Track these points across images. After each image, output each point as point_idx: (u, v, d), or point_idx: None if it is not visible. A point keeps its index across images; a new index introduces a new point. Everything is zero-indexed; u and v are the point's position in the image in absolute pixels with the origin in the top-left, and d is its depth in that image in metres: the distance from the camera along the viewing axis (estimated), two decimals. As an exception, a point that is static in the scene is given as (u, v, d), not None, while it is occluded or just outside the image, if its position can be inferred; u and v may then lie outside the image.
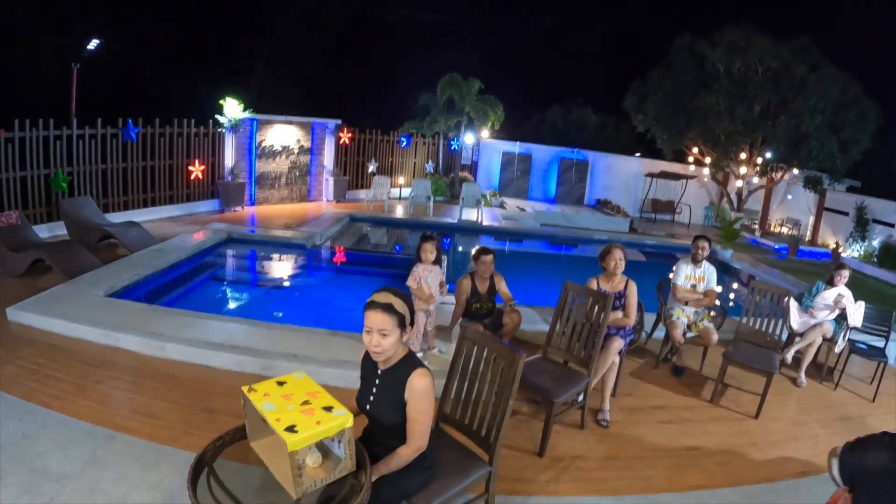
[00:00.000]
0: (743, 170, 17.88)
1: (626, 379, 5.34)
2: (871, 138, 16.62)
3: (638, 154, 21.28)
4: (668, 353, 6.22)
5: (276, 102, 14.71)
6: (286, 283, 9.21)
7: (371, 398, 2.75)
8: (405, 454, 2.63)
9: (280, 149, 14.22)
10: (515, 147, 20.07)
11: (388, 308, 2.57)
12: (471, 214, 14.74)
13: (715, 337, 5.85)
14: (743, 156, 17.68)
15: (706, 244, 6.13)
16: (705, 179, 19.60)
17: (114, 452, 3.87)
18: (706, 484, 4.03)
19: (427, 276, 5.41)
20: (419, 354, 5.24)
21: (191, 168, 12.40)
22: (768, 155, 17.47)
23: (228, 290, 8.72)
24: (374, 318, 2.56)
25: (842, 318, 6.23)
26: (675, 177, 19.35)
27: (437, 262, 5.52)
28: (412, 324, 2.69)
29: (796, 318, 6.32)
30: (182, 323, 5.88)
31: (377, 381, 2.73)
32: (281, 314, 7.40)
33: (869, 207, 15.19)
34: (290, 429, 2.19)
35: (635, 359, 6.20)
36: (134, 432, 4.14)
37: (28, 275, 7.35)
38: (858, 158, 16.64)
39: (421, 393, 2.60)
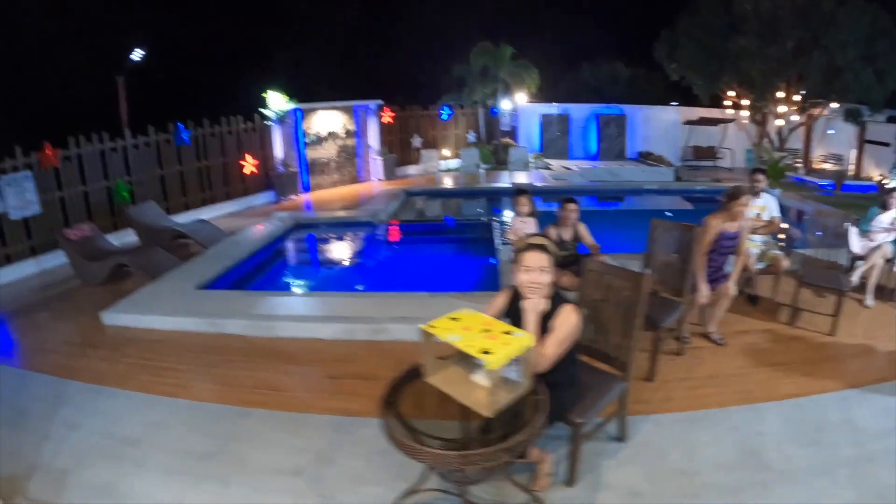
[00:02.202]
0: (782, 108, 17.62)
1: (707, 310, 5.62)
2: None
3: (674, 103, 20.95)
4: (743, 283, 6.36)
5: (310, 88, 14.77)
6: (363, 258, 9.62)
7: None
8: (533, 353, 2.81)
9: (326, 135, 14.50)
10: (553, 108, 20.11)
11: (545, 248, 2.98)
12: (520, 177, 14.97)
13: (785, 263, 6.12)
14: (780, 95, 17.38)
15: (762, 177, 6.45)
16: (744, 122, 19.30)
17: (252, 426, 4.09)
18: (798, 392, 4.40)
19: (524, 228, 5.52)
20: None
21: (242, 163, 12.57)
22: (805, 92, 17.20)
23: (311, 271, 9.09)
24: (535, 258, 2.95)
25: None
26: (714, 122, 19.11)
27: (532, 214, 5.58)
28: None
29: (857, 243, 6.46)
30: (282, 303, 6.18)
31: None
32: (363, 286, 7.56)
33: (910, 135, 14.94)
34: (485, 352, 2.48)
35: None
36: (266, 406, 4.38)
37: (108, 282, 7.61)
38: (895, 87, 16.17)
39: (566, 322, 2.96)
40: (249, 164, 12.75)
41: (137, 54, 13.16)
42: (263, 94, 12.95)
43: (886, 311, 6.06)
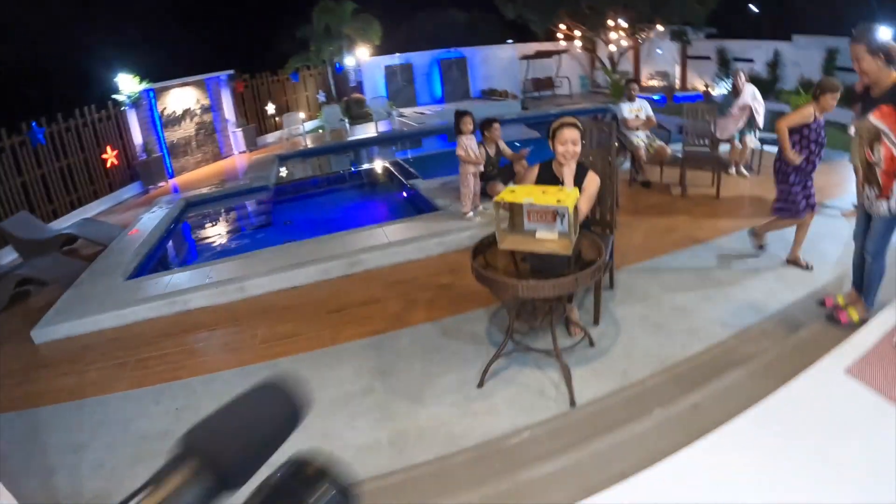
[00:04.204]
0: (613, 35, 19.08)
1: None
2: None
3: (510, 40, 21.87)
4: (635, 173, 7.95)
5: (158, 67, 13.75)
6: (277, 217, 9.68)
7: None
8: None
9: (182, 113, 13.82)
10: (395, 59, 20.39)
11: (576, 125, 3.67)
12: (381, 126, 15.88)
13: (669, 150, 7.65)
14: (610, 23, 18.80)
15: (635, 85, 7.97)
16: (577, 51, 20.85)
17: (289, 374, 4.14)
18: (714, 235, 5.92)
19: (470, 144, 6.28)
20: (469, 213, 6.48)
21: (104, 156, 11.75)
22: (633, 20, 18.67)
23: (235, 238, 8.90)
24: (569, 134, 3.64)
25: (751, 123, 7.76)
26: (548, 54, 20.58)
27: (473, 132, 6.30)
28: None
29: (721, 128, 7.85)
30: (240, 265, 6.18)
31: (562, 182, 3.76)
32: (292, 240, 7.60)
33: (728, 49, 17.20)
34: (559, 201, 3.13)
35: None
36: (288, 353, 4.40)
37: (8, 306, 6.50)
38: (714, 7, 17.92)
39: (592, 183, 3.75)
40: (110, 156, 11.91)
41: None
42: (115, 79, 12.10)
43: (742, 179, 7.89)
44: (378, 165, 12.74)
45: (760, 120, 7.67)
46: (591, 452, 2.94)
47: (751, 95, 7.56)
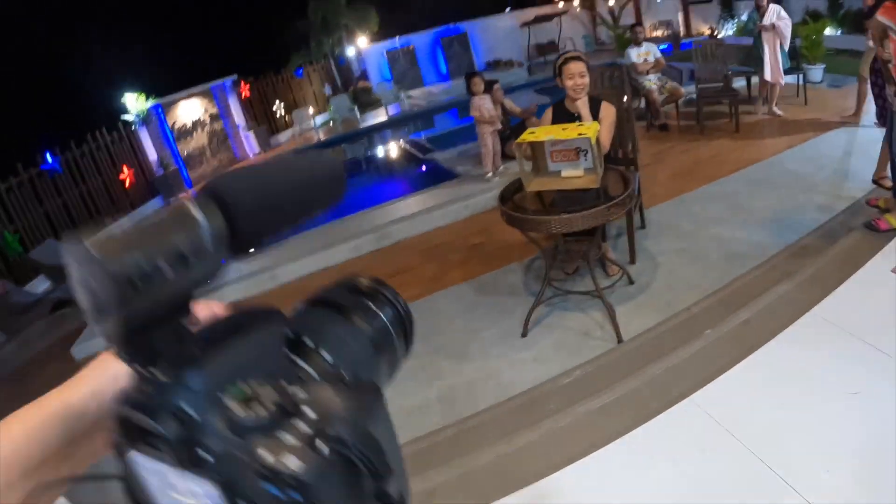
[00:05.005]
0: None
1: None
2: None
3: (508, 9, 21.55)
4: (651, 118, 7.66)
5: (164, 80, 13.83)
6: None
7: None
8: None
9: (192, 124, 13.89)
10: (396, 43, 20.16)
11: (580, 58, 3.63)
12: (391, 110, 15.86)
13: (682, 89, 7.47)
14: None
15: (641, 28, 7.85)
16: (577, 11, 20.46)
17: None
18: (739, 167, 5.80)
19: (484, 103, 6.11)
20: (490, 174, 6.40)
21: (122, 177, 11.85)
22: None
23: None
24: (575, 66, 3.58)
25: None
26: (548, 18, 20.07)
27: (486, 91, 6.01)
28: None
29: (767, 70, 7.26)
30: (268, 254, 6.12)
31: (578, 117, 3.68)
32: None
33: (730, -12, 16.61)
34: (580, 134, 3.09)
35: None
36: None
37: (46, 332, 6.45)
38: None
39: (609, 113, 3.67)
40: (128, 175, 12.01)
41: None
42: (122, 100, 12.20)
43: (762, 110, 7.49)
44: (394, 147, 12.81)
45: (786, 42, 7.08)
46: (647, 379, 2.89)
47: (775, 15, 6.99)
